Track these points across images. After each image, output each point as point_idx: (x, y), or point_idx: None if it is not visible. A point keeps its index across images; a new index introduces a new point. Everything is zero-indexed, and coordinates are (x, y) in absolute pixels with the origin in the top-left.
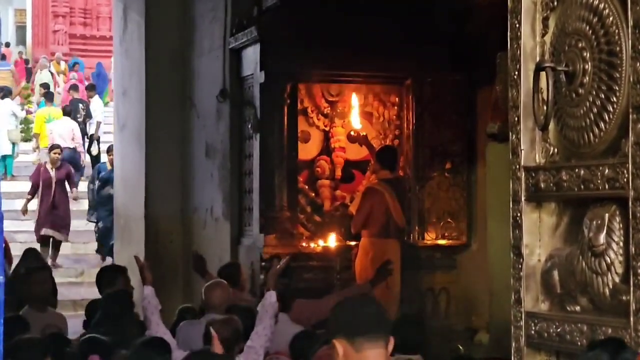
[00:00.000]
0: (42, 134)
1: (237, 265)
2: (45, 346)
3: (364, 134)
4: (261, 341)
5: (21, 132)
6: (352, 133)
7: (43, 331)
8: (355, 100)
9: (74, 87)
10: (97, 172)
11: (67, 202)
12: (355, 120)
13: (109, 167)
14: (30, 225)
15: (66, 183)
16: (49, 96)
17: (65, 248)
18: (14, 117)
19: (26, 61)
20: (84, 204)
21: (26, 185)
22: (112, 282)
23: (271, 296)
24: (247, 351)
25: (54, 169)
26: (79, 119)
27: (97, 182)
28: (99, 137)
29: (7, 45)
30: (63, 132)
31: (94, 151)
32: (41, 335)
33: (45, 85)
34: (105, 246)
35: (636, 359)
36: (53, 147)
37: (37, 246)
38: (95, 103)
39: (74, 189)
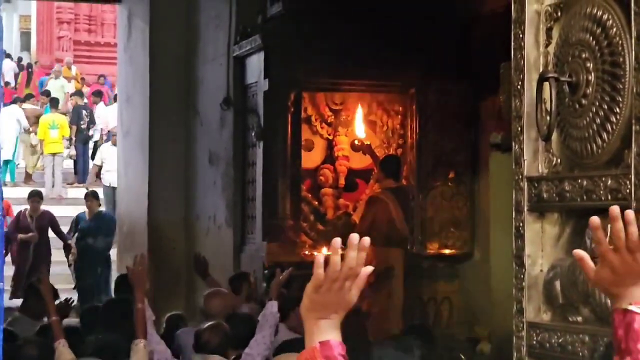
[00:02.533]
0: (46, 140)
1: (246, 275)
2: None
3: (368, 142)
4: (260, 349)
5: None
6: (355, 142)
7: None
8: (359, 109)
9: (78, 93)
10: (76, 222)
11: (48, 257)
12: (359, 129)
13: (87, 216)
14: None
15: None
16: (53, 102)
17: (60, 254)
18: (18, 124)
19: (29, 66)
20: None
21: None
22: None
23: (272, 306)
24: (245, 358)
25: (33, 217)
26: (82, 126)
27: (76, 234)
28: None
29: (20, 59)
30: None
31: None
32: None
33: (46, 93)
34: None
35: None
36: (31, 195)
37: None
38: (100, 110)
39: (69, 242)
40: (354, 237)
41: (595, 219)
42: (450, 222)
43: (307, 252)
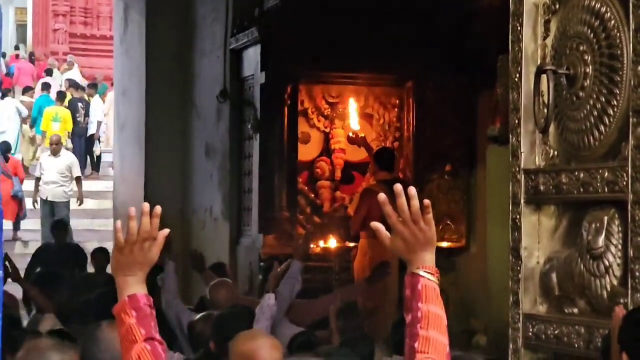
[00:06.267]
0: (49, 132)
1: (223, 265)
2: None
3: (363, 135)
4: None
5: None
6: (351, 134)
7: None
8: (354, 102)
9: (74, 85)
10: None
11: None
12: (355, 122)
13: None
14: (32, 223)
15: None
16: (60, 95)
17: None
18: (18, 115)
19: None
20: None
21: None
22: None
23: (269, 298)
24: None
25: None
26: (78, 118)
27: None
28: (100, 137)
29: (17, 48)
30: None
31: (97, 151)
32: None
33: (45, 86)
34: None
35: None
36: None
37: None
38: (96, 102)
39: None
40: (146, 205)
41: (382, 196)
42: (446, 215)
43: None
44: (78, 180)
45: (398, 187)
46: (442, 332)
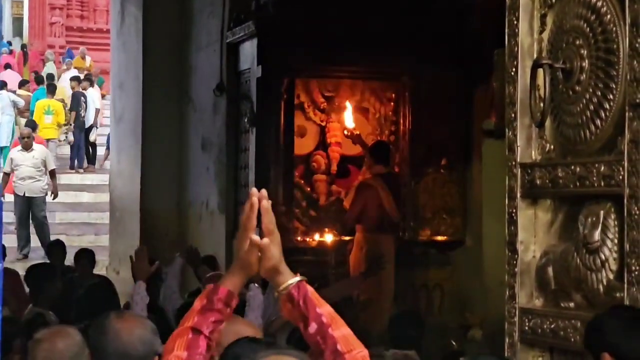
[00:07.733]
0: (40, 125)
1: (213, 258)
2: None
3: (357, 132)
4: None
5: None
6: (345, 132)
7: None
8: (350, 97)
9: (77, 79)
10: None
11: None
12: (349, 119)
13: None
14: None
15: None
16: (50, 88)
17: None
18: (14, 107)
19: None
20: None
21: None
22: None
23: (252, 289)
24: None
25: None
26: (80, 111)
27: None
28: (97, 124)
29: (9, 43)
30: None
31: (92, 137)
32: None
33: (39, 79)
34: None
35: None
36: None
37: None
38: (92, 93)
39: None
40: (254, 191)
41: (253, 192)
42: (442, 208)
43: (299, 239)
44: (52, 173)
45: (260, 194)
46: (347, 327)
